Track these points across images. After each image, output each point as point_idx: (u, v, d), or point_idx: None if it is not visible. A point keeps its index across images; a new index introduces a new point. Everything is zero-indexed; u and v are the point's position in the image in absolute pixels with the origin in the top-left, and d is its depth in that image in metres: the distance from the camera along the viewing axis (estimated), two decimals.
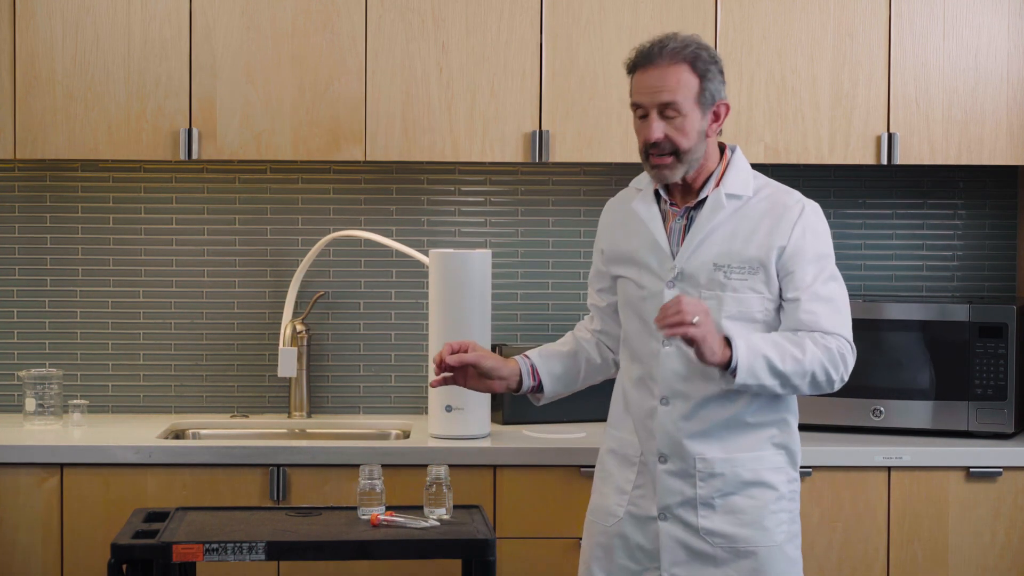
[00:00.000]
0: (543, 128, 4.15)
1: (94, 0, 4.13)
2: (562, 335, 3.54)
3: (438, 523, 3.28)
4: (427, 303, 4.37)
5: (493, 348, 4.22)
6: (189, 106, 4.15)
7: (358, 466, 3.43)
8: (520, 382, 3.38)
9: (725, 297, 3.20)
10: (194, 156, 4.13)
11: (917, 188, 4.55)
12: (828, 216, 4.52)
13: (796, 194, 3.30)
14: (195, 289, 4.52)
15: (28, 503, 3.90)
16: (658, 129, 3.16)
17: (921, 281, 4.55)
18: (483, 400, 4.04)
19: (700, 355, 3.06)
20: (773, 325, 3.23)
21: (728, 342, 3.09)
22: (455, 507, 3.41)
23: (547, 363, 3.43)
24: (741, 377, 3.08)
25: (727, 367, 3.09)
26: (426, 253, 4.23)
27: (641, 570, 3.26)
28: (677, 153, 3.18)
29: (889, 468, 3.94)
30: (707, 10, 4.15)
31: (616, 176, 4.48)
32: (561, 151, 4.16)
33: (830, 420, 4.15)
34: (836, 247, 4.50)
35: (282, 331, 4.34)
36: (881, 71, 4.16)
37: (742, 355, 3.08)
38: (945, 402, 4.08)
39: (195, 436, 4.30)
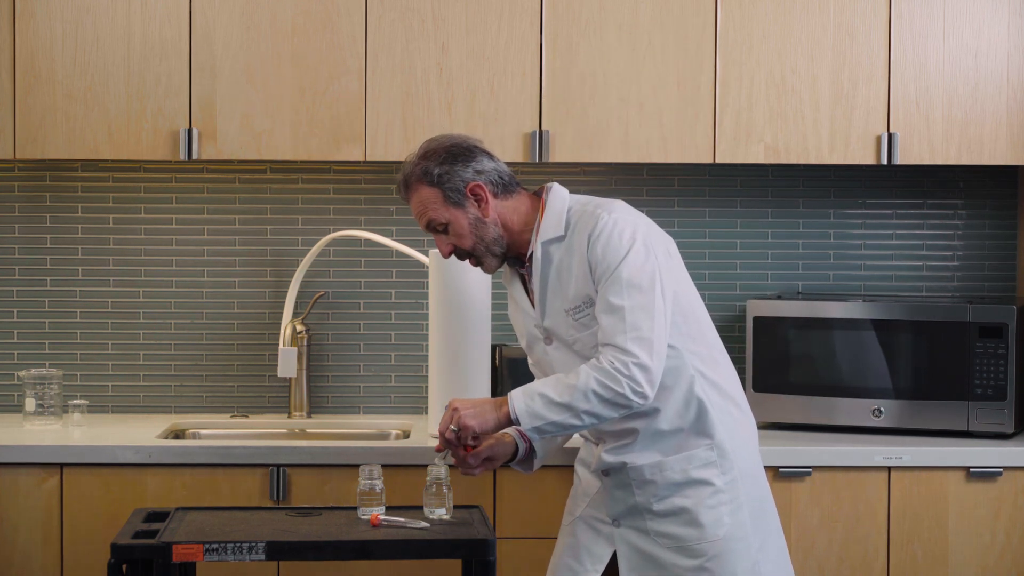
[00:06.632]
0: (543, 128, 4.15)
1: (94, 0, 4.14)
2: None
3: (439, 522, 3.29)
4: (427, 303, 4.36)
5: (493, 348, 4.21)
6: (189, 106, 4.15)
7: (358, 466, 3.43)
8: (516, 449, 3.42)
9: (584, 337, 3.26)
10: (194, 156, 4.12)
11: (917, 188, 4.55)
12: (827, 216, 4.55)
13: (593, 206, 3.30)
14: (195, 289, 4.51)
15: (28, 503, 3.90)
16: (442, 243, 3.35)
17: (921, 281, 4.55)
18: None
19: (476, 434, 3.23)
20: None
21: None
22: (455, 507, 3.41)
23: None
24: (525, 422, 3.16)
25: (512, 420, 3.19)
26: (426, 253, 4.23)
27: (581, 571, 3.35)
28: (470, 253, 3.33)
29: (889, 468, 3.94)
30: (707, 10, 4.14)
31: (616, 176, 4.48)
32: (561, 151, 4.15)
33: (830, 420, 4.15)
34: (836, 247, 4.56)
35: (282, 331, 4.34)
36: (881, 71, 4.16)
37: (518, 403, 3.17)
38: (945, 402, 4.08)
39: (195, 436, 4.30)
